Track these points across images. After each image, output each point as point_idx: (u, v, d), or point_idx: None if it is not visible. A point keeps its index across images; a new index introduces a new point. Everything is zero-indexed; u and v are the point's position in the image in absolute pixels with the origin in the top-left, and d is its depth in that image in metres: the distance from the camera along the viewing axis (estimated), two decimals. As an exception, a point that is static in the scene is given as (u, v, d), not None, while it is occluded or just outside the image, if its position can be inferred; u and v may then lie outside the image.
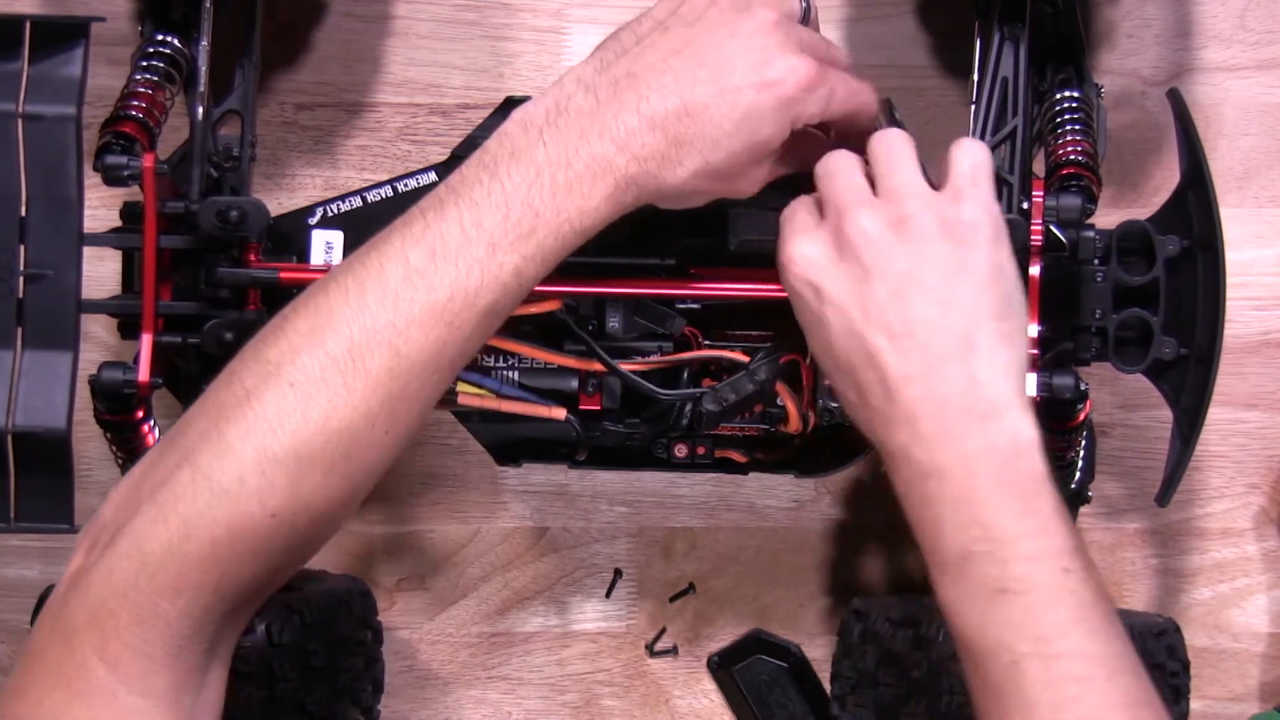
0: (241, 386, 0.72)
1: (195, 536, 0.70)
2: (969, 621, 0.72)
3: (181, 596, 0.71)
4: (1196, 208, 0.91)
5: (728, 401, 0.93)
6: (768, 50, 0.79)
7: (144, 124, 0.93)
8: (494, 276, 0.74)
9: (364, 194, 0.97)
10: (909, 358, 0.75)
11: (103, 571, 0.71)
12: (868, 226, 0.77)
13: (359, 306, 0.73)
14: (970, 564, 0.72)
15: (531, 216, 0.75)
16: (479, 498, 1.12)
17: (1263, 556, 1.12)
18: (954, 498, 0.73)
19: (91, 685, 0.69)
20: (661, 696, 1.13)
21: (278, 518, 0.72)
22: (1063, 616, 0.70)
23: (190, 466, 0.71)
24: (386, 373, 0.73)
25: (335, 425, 0.72)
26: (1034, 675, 0.69)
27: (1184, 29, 1.11)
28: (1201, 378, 0.90)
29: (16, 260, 0.89)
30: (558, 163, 0.76)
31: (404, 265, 0.74)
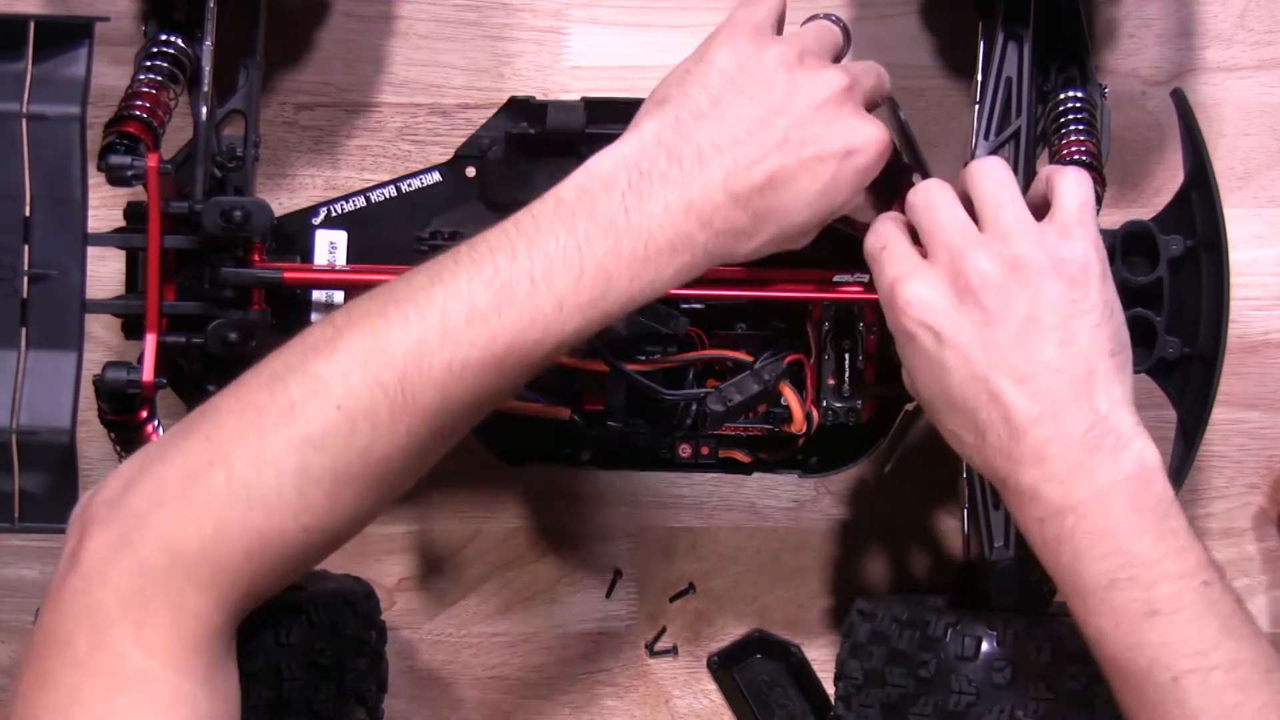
0: (286, 396, 0.72)
1: (229, 541, 0.71)
2: (1120, 644, 0.74)
3: (214, 591, 0.71)
4: (1200, 208, 0.91)
5: (732, 401, 0.93)
6: (846, 118, 0.80)
7: (148, 124, 0.93)
8: (555, 334, 0.74)
9: (368, 194, 0.98)
10: (1035, 399, 0.76)
11: (134, 563, 0.70)
12: (985, 268, 0.78)
13: (418, 340, 0.72)
14: (1116, 591, 0.74)
15: (604, 282, 0.75)
16: (479, 498, 1.12)
17: (1263, 556, 1.13)
18: (1092, 531, 0.74)
19: (131, 671, 0.69)
20: (661, 696, 1.13)
21: (309, 532, 0.72)
22: (1213, 629, 0.72)
23: (226, 469, 0.71)
24: (433, 413, 0.73)
25: (376, 455, 0.72)
26: (1195, 689, 0.71)
27: (1185, 29, 1.11)
28: (1205, 378, 0.90)
29: (21, 260, 0.89)
30: (638, 233, 0.75)
31: (469, 306, 0.73)
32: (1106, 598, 0.74)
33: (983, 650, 0.91)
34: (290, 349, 0.75)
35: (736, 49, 0.80)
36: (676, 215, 0.76)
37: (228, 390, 0.75)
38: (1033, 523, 0.77)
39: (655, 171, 0.77)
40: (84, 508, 0.74)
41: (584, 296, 0.74)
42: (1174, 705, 0.71)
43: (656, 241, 0.76)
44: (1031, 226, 0.79)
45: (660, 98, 0.81)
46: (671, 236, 0.76)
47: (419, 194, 0.97)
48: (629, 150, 0.78)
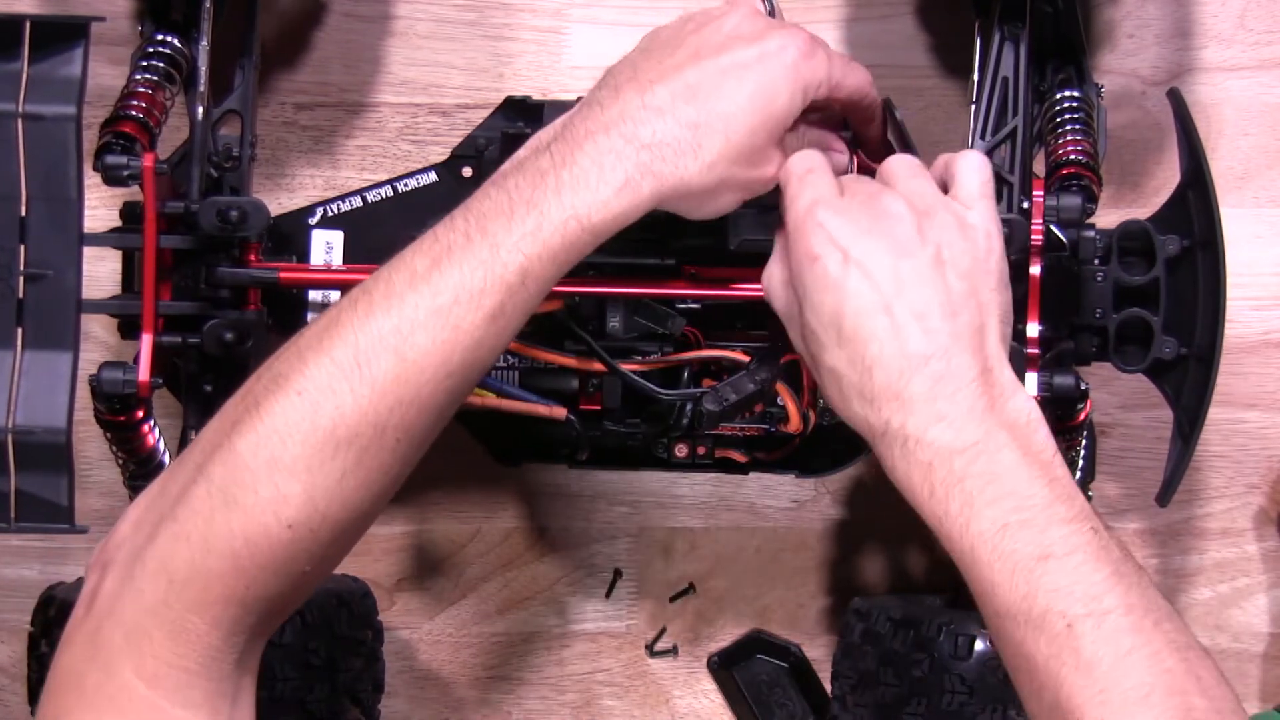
0: (252, 399, 0.72)
1: (216, 551, 0.71)
2: (1014, 593, 0.72)
3: (209, 610, 0.71)
4: (1197, 207, 0.91)
5: (728, 401, 0.93)
6: (755, 29, 0.80)
7: (144, 124, 0.93)
8: (499, 277, 0.74)
9: (364, 194, 0.98)
10: (930, 338, 0.76)
11: (133, 593, 0.71)
12: (900, 208, 0.79)
13: (365, 314, 0.73)
14: (1008, 536, 0.72)
15: (536, 215, 0.74)
16: (479, 498, 1.12)
17: (1263, 556, 1.12)
18: (982, 473, 0.73)
19: (136, 704, 0.70)
20: (661, 696, 1.13)
21: (294, 529, 0.71)
22: (1105, 573, 0.71)
23: (205, 480, 0.71)
24: (393, 378, 0.72)
25: (344, 433, 0.72)
26: (1090, 634, 0.69)
27: (1184, 29, 1.11)
28: (1202, 377, 0.90)
29: (17, 260, 0.89)
30: (562, 163, 0.76)
31: (409, 272, 0.74)
32: (998, 544, 0.72)
33: (976, 650, 0.91)
34: (261, 366, 0.75)
35: (655, 31, 0.83)
36: (598, 136, 0.76)
37: (214, 418, 0.75)
38: (918, 468, 0.75)
39: (576, 120, 0.78)
40: (100, 550, 0.75)
41: (517, 233, 0.74)
42: (1069, 653, 0.69)
43: (580, 164, 0.75)
44: (938, 193, 0.81)
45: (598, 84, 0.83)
46: (594, 156, 0.76)
47: (415, 194, 0.98)
48: (557, 120, 0.80)
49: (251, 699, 0.75)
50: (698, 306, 0.96)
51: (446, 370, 0.74)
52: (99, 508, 1.08)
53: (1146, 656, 0.69)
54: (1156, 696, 0.68)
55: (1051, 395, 0.91)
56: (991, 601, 0.73)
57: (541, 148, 0.77)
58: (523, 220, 0.74)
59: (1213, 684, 0.69)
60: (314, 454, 0.71)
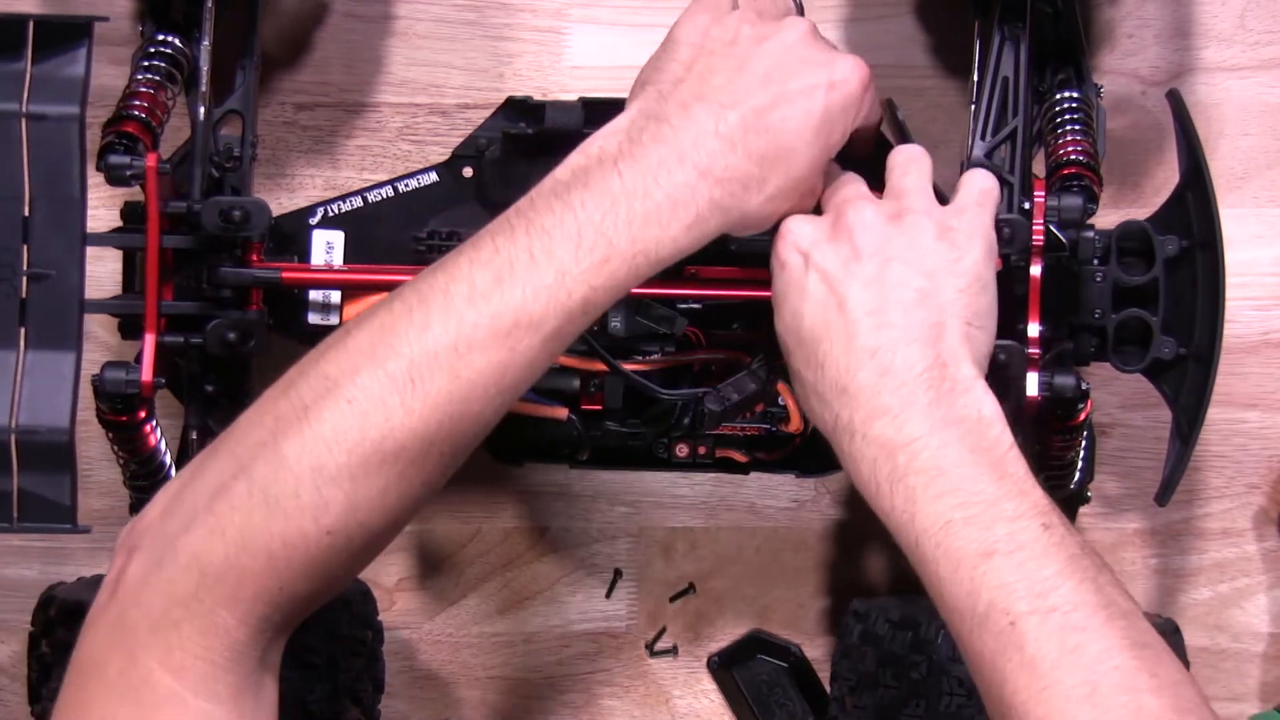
0: (299, 400, 0.72)
1: (251, 550, 0.70)
2: (959, 590, 0.72)
3: (240, 606, 0.71)
4: (1196, 208, 0.91)
5: (730, 401, 0.93)
6: (821, 54, 0.81)
7: (146, 124, 0.93)
8: (560, 305, 0.74)
9: (365, 194, 0.98)
10: (880, 333, 0.77)
11: (164, 584, 0.71)
12: (865, 215, 0.80)
13: (421, 326, 0.72)
14: (952, 531, 0.72)
15: (605, 246, 0.74)
16: (479, 498, 1.12)
17: (1263, 556, 1.12)
18: (927, 468, 0.74)
19: (159, 695, 0.69)
20: (661, 696, 1.13)
21: (333, 535, 0.72)
22: (1052, 570, 0.70)
23: (246, 479, 0.71)
24: (446, 396, 0.72)
25: (391, 447, 0.71)
26: (1034, 631, 0.69)
27: (1184, 29, 1.11)
28: (1201, 377, 0.90)
29: (20, 260, 0.89)
30: (635, 192, 0.75)
31: (469, 286, 0.73)
32: (942, 540, 0.72)
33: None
34: (305, 358, 0.75)
35: (697, 23, 0.82)
36: (672, 168, 0.76)
37: (252, 406, 0.75)
38: (865, 464, 0.76)
39: (645, 136, 0.77)
40: (126, 534, 0.75)
41: (585, 264, 0.74)
42: (1013, 650, 0.69)
43: (654, 197, 0.75)
44: (927, 192, 0.82)
45: (638, 84, 0.82)
46: (669, 190, 0.76)
47: (416, 194, 0.98)
48: (618, 125, 0.79)
49: (274, 696, 0.75)
50: (699, 307, 0.96)
51: (499, 389, 0.74)
52: (100, 508, 1.08)
53: (1094, 654, 0.68)
54: (1102, 694, 0.67)
55: (1051, 395, 0.91)
56: (940, 598, 0.73)
57: (607, 160, 0.76)
58: (590, 250, 0.74)
59: (1171, 682, 0.69)
60: (359, 465, 0.71)
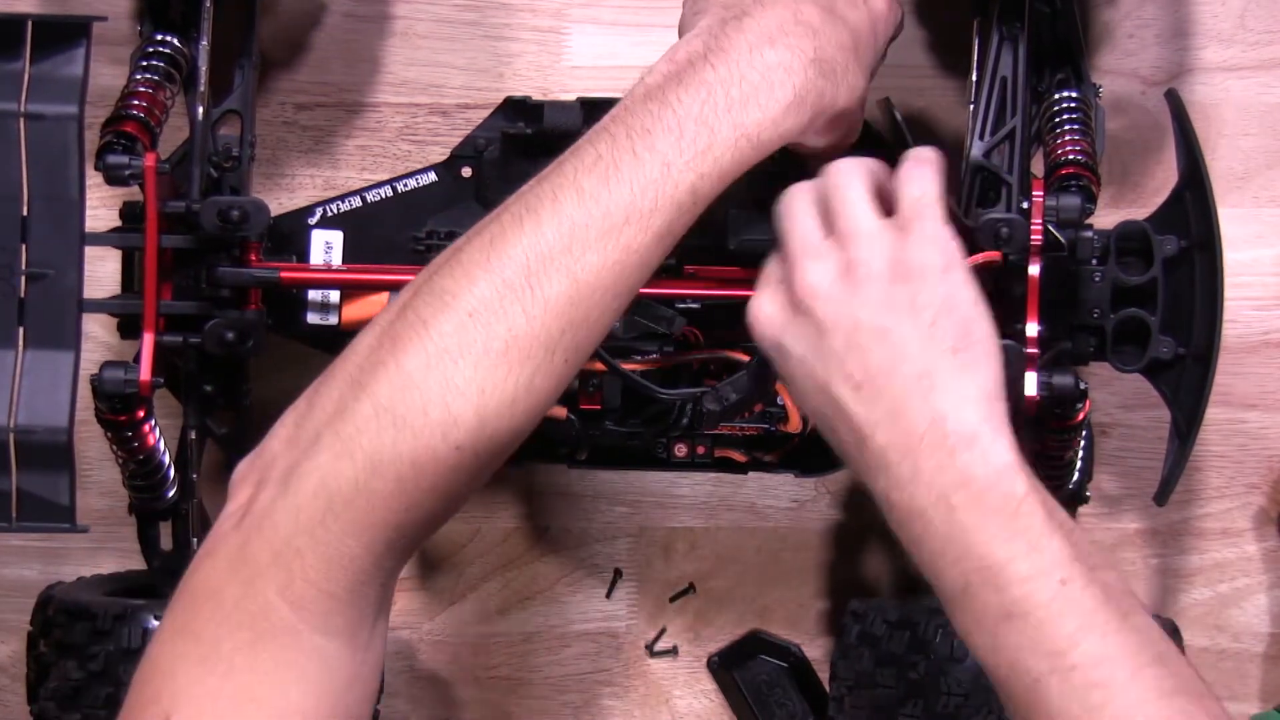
0: (417, 316, 0.71)
1: (381, 473, 0.70)
2: (983, 647, 0.72)
3: (367, 533, 0.70)
4: (1194, 208, 0.91)
5: (728, 401, 0.93)
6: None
7: (145, 123, 0.93)
8: (669, 197, 0.74)
9: (364, 194, 0.98)
10: (871, 405, 0.75)
11: (289, 510, 0.69)
12: (816, 280, 0.77)
13: (533, 232, 0.72)
14: (970, 594, 0.72)
15: (707, 134, 0.75)
16: (479, 498, 1.12)
17: (1263, 556, 1.12)
18: (940, 535, 0.73)
19: (275, 626, 0.68)
20: (661, 696, 1.13)
21: (461, 451, 0.71)
22: (1070, 628, 0.69)
23: (370, 399, 0.70)
24: (566, 300, 0.72)
25: (517, 355, 0.71)
26: (1056, 690, 0.69)
27: (1184, 29, 1.11)
28: (1199, 377, 0.90)
29: (18, 260, 0.89)
30: (730, 79, 0.76)
31: (576, 191, 0.73)
32: (964, 602, 0.72)
33: (972, 652, 0.91)
34: (414, 281, 0.74)
35: None
36: (764, 50, 0.77)
37: (363, 331, 0.74)
38: (893, 525, 0.76)
39: (729, 29, 0.78)
40: (248, 467, 0.73)
41: (689, 154, 0.74)
42: (1039, 707, 0.69)
43: (750, 80, 0.76)
44: (869, 228, 0.77)
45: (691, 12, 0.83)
46: (764, 71, 0.77)
47: (415, 194, 0.98)
48: (698, 31, 0.80)
49: (385, 631, 0.74)
50: (698, 306, 0.96)
51: (615, 291, 0.74)
52: (99, 507, 1.08)
53: (1121, 708, 0.68)
54: None
55: (1050, 395, 0.91)
56: (971, 652, 0.74)
57: (697, 59, 0.77)
58: (694, 139, 0.74)
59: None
60: (486, 376, 0.71)
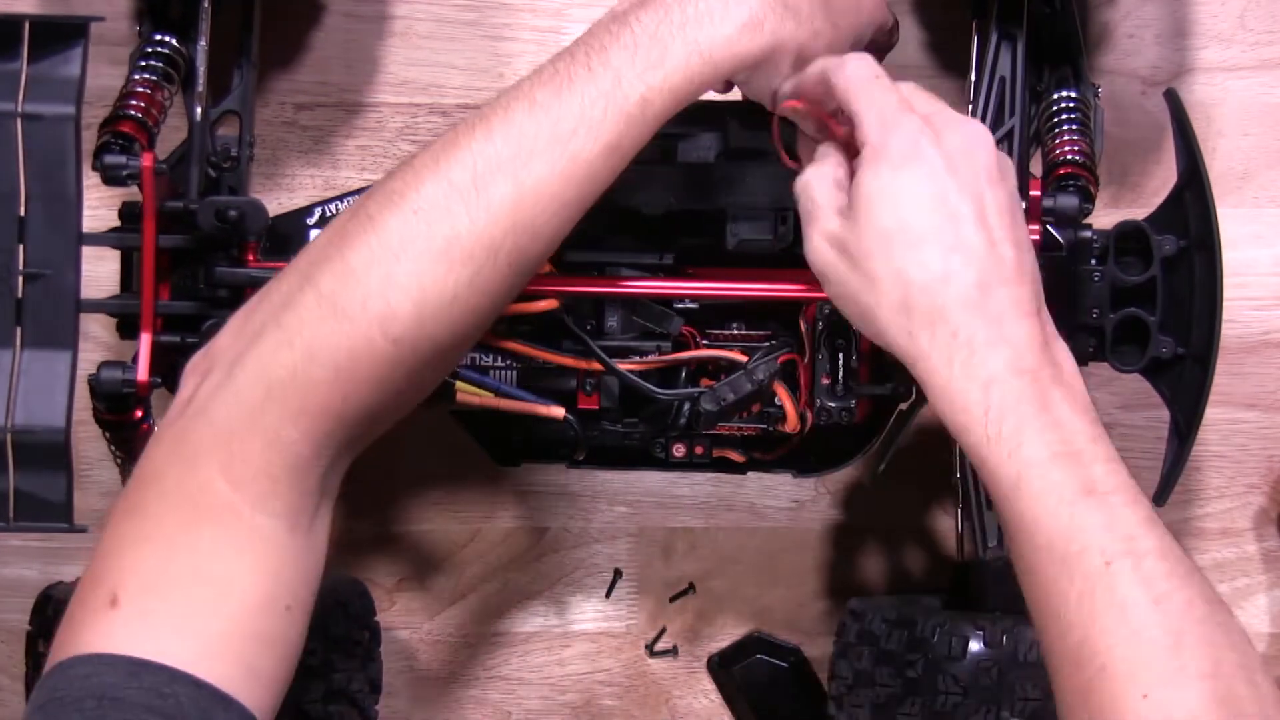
0: (365, 214, 0.73)
1: (319, 360, 0.71)
2: (1056, 526, 0.71)
3: (305, 418, 0.71)
4: (1193, 208, 0.91)
5: (726, 401, 0.93)
6: None
7: (143, 123, 0.93)
8: (619, 108, 0.74)
9: (363, 194, 0.98)
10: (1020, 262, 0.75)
11: (230, 395, 0.71)
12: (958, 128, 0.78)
13: (484, 139, 0.73)
14: (1056, 466, 0.71)
15: (660, 48, 0.75)
16: (479, 498, 1.12)
17: (1263, 556, 1.12)
18: (1037, 399, 0.72)
19: (216, 503, 0.70)
20: (661, 696, 1.13)
21: (399, 345, 0.72)
22: (1142, 515, 0.70)
23: (314, 289, 0.72)
24: (511, 203, 0.73)
25: (458, 253, 0.72)
26: (1127, 574, 0.69)
27: (1184, 29, 1.11)
28: (1198, 377, 0.90)
29: (16, 260, 0.89)
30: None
31: (529, 101, 0.74)
32: (1045, 473, 0.71)
33: (970, 650, 0.91)
34: (371, 187, 0.75)
35: None
36: None
37: (322, 231, 0.75)
38: (977, 385, 0.73)
39: None
40: (199, 359, 0.75)
41: (640, 65, 0.74)
42: (1103, 591, 0.69)
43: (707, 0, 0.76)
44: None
45: None
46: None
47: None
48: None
49: (328, 522, 0.75)
50: (695, 306, 0.96)
51: (562, 200, 0.74)
52: (98, 507, 1.08)
53: (1180, 603, 0.68)
54: (1188, 644, 0.67)
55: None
56: (1031, 536, 0.72)
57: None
58: (647, 53, 0.75)
59: (1241, 640, 0.69)
60: (427, 271, 0.71)
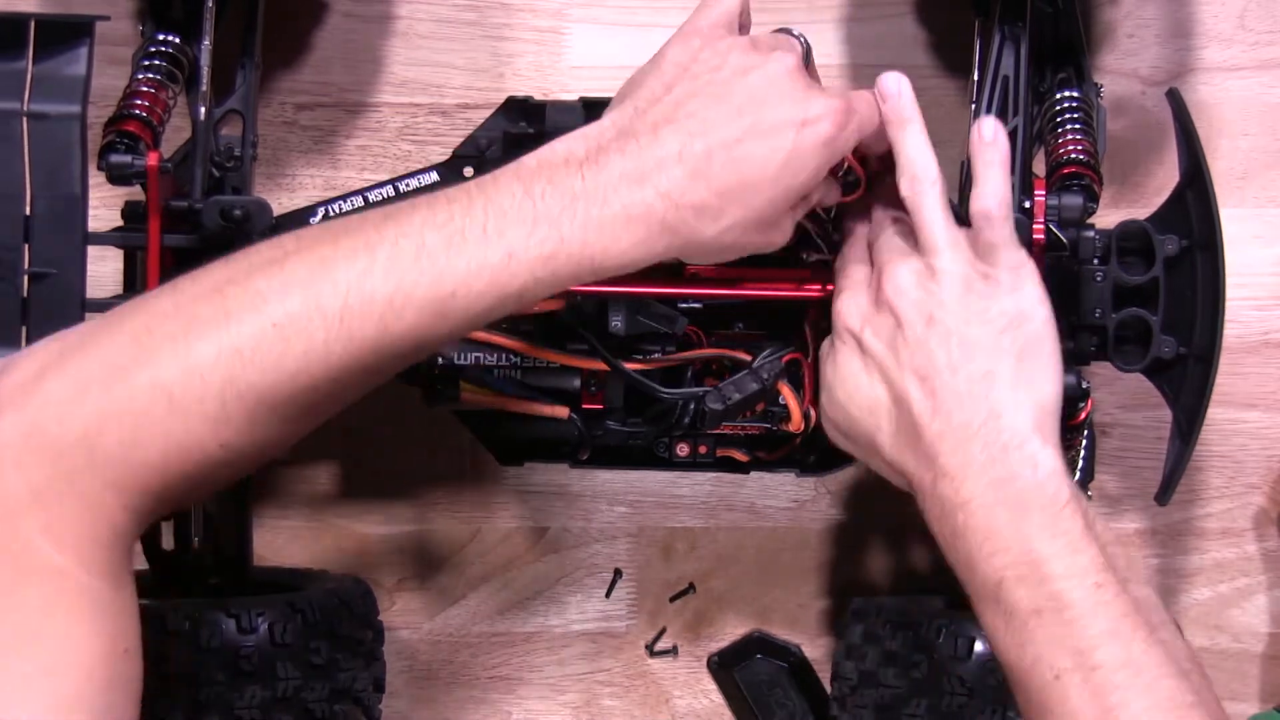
0: (224, 306, 0.71)
1: (145, 445, 0.70)
2: (1010, 643, 0.74)
3: (126, 493, 0.70)
4: (1196, 207, 0.91)
5: (731, 400, 0.93)
6: (799, 91, 0.80)
7: (148, 122, 0.93)
8: (501, 286, 0.74)
9: (365, 194, 0.98)
10: (932, 398, 0.79)
11: (49, 453, 0.69)
12: (902, 281, 0.81)
13: (364, 271, 0.72)
14: (1004, 589, 0.74)
15: (556, 240, 0.74)
16: (479, 498, 1.12)
17: (1263, 556, 1.13)
18: (981, 528, 0.76)
19: (40, 565, 0.69)
20: (661, 696, 1.13)
21: (225, 449, 0.71)
22: (1099, 629, 0.72)
23: (152, 371, 0.70)
24: (369, 346, 0.72)
25: (305, 381, 0.71)
26: (1076, 688, 0.71)
27: (1184, 29, 1.11)
28: (1201, 377, 0.90)
29: (21, 259, 0.89)
30: (593, 197, 0.75)
31: (418, 244, 0.73)
32: (996, 595, 0.74)
33: (975, 651, 0.91)
34: (234, 263, 0.74)
35: (689, 43, 0.81)
36: (632, 183, 0.76)
37: (163, 292, 0.74)
38: (933, 521, 0.79)
39: (612, 147, 0.77)
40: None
41: (534, 252, 0.74)
42: (1056, 704, 0.71)
43: (612, 206, 0.75)
44: (949, 240, 0.81)
45: (618, 97, 0.82)
46: (628, 203, 0.76)
47: (416, 194, 0.97)
48: (588, 131, 0.79)
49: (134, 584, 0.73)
50: (699, 306, 0.96)
51: (417, 351, 0.75)
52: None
53: (1135, 713, 0.70)
54: None
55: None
56: (995, 649, 0.76)
57: (573, 162, 0.76)
58: (542, 241, 0.74)
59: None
60: (269, 390, 0.71)
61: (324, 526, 1.11)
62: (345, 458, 1.11)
